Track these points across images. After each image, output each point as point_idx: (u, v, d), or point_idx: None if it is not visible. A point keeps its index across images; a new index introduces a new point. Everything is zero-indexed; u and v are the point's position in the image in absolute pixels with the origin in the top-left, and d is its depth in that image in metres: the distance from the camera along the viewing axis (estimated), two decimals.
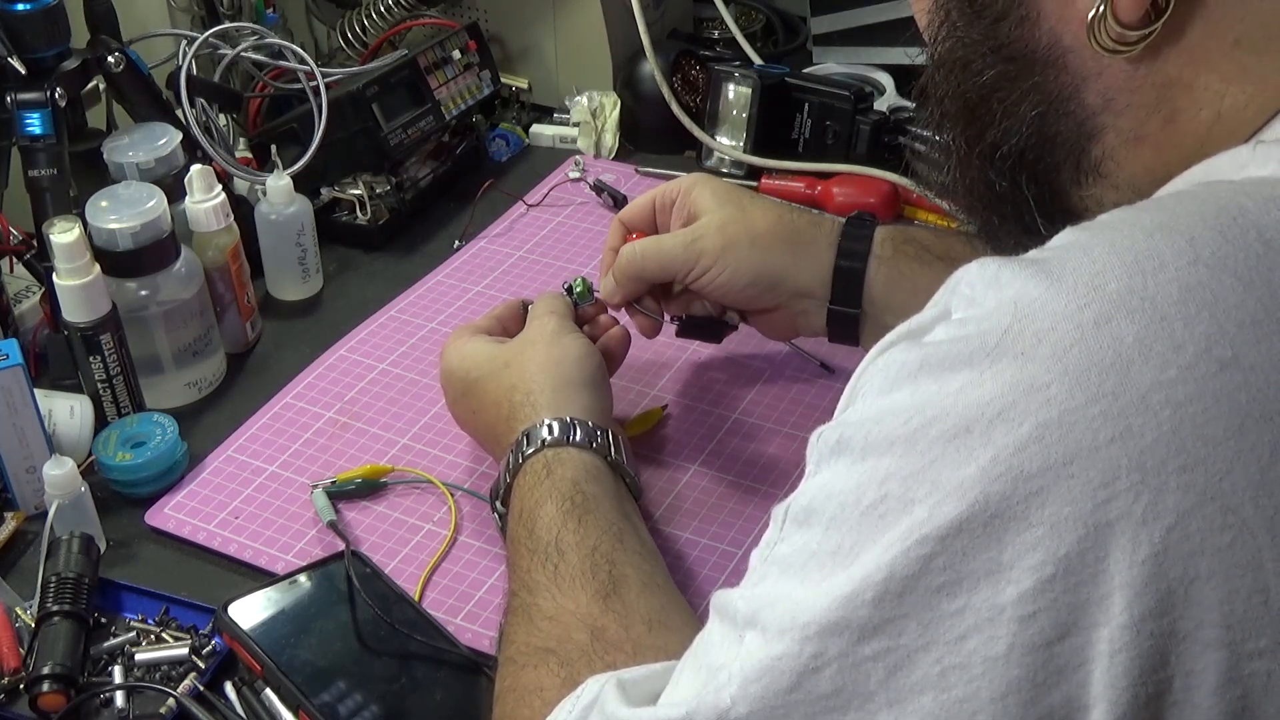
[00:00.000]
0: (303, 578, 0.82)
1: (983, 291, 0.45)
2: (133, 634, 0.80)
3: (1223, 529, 0.40)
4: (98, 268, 0.91)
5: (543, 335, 0.87)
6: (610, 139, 1.32)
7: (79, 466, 0.86)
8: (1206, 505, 0.40)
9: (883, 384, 0.46)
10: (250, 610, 0.78)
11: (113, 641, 0.80)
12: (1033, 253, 0.46)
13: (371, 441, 0.96)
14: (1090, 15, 0.51)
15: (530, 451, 0.80)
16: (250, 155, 1.22)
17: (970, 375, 0.43)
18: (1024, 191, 0.57)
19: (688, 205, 0.93)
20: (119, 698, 0.76)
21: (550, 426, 0.80)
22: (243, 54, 1.18)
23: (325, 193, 1.19)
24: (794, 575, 0.46)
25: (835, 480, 0.46)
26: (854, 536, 0.44)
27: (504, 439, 0.83)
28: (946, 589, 0.42)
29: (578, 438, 0.80)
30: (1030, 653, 0.41)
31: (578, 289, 0.92)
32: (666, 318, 0.96)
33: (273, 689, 0.76)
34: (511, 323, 0.92)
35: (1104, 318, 0.42)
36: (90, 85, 1.07)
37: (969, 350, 0.44)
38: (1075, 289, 0.43)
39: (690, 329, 0.96)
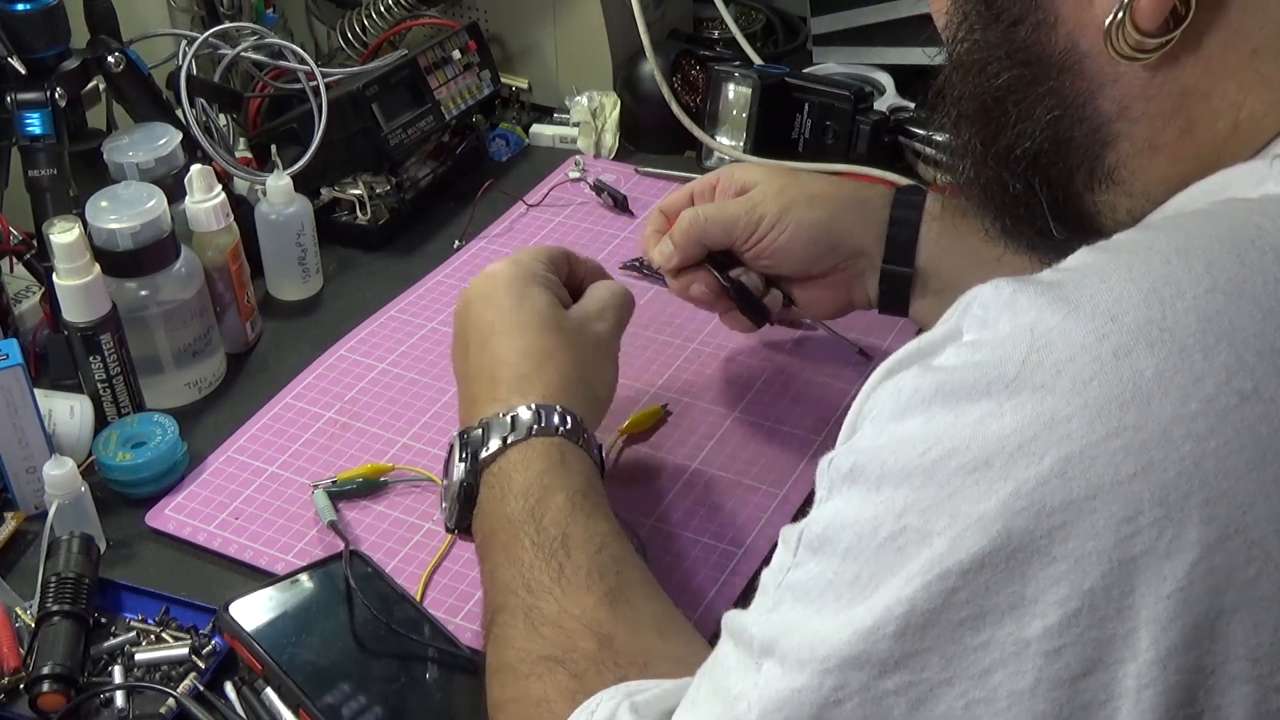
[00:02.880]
0: (304, 577, 0.82)
1: (997, 314, 0.45)
2: (133, 634, 0.80)
3: (1247, 562, 0.40)
4: (98, 268, 0.91)
5: (593, 342, 0.83)
6: (610, 139, 1.32)
7: (79, 466, 0.86)
8: (1231, 539, 0.40)
9: (894, 409, 0.46)
10: (251, 610, 0.78)
11: (113, 641, 0.80)
12: (1047, 274, 0.46)
13: (371, 441, 0.96)
14: (1108, 21, 0.50)
15: (538, 428, 0.75)
16: (250, 155, 1.22)
17: (988, 406, 0.43)
18: (1038, 194, 0.57)
19: (733, 184, 0.94)
20: (119, 698, 0.76)
21: (566, 419, 0.76)
22: (243, 54, 1.18)
23: (325, 193, 1.19)
24: (811, 604, 0.46)
25: (850, 509, 0.46)
26: (872, 568, 0.44)
27: (494, 396, 0.78)
28: (969, 623, 0.42)
29: (590, 447, 0.78)
30: (1056, 688, 0.41)
31: None
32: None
33: (273, 688, 0.76)
34: (570, 270, 0.88)
35: (1123, 350, 0.42)
36: (90, 85, 1.07)
37: (986, 379, 0.43)
38: (1093, 318, 0.42)
39: (740, 297, 0.94)
